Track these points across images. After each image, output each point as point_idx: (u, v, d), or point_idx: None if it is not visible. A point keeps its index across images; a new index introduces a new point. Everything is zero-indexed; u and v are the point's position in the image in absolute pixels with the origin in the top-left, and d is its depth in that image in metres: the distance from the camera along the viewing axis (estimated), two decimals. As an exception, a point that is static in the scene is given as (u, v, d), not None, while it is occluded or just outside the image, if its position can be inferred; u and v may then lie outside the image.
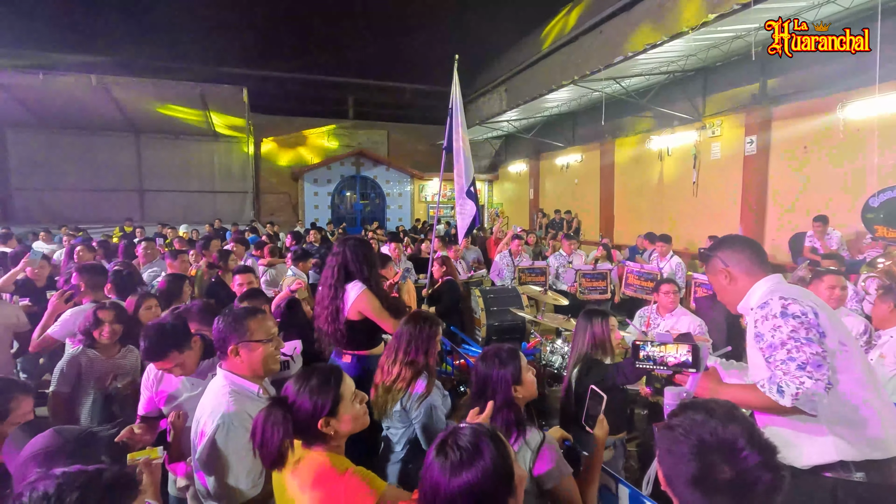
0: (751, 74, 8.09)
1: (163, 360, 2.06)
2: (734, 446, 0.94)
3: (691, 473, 0.95)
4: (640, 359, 1.70)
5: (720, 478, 0.92)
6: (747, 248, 1.85)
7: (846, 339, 1.66)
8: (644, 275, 6.01)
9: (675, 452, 0.99)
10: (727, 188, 8.59)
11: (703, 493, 0.94)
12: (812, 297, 1.70)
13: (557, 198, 14.19)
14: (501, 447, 1.08)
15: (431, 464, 1.07)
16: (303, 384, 1.47)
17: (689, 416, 1.01)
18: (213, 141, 16.65)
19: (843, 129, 6.74)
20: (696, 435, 0.97)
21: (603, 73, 8.23)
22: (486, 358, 1.82)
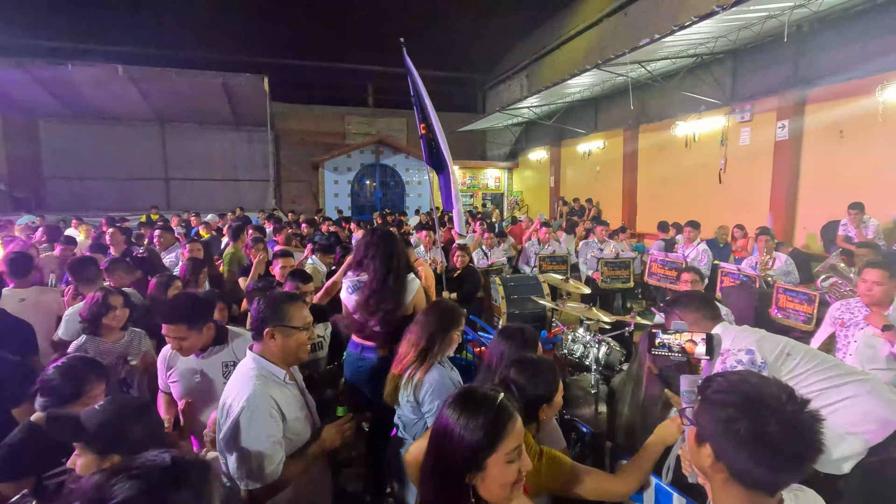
0: (784, 56, 7.76)
1: (169, 324, 2.10)
2: (779, 398, 0.96)
3: (742, 432, 0.96)
4: (655, 346, 1.71)
5: (773, 430, 0.94)
6: (698, 306, 2.15)
7: (792, 349, 1.84)
8: (668, 264, 5.89)
9: (721, 418, 0.99)
10: (756, 175, 8.32)
11: (759, 450, 0.95)
12: (744, 335, 1.93)
13: (579, 185, 13.97)
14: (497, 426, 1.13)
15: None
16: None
17: (723, 382, 1.03)
18: (234, 130, 16.88)
19: (883, 112, 6.43)
20: (740, 394, 0.99)
21: (627, 56, 7.99)
22: (509, 336, 1.84)
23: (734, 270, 5.29)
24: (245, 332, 2.40)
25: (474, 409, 1.14)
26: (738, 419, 0.98)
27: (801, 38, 7.50)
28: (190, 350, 2.16)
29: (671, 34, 6.90)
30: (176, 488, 0.89)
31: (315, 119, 17.80)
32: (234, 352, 2.26)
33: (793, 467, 0.97)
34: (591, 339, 3.99)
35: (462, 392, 1.21)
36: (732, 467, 1.00)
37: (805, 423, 0.96)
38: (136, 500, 0.84)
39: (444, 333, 2.11)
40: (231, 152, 17.07)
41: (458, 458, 1.10)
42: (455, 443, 1.11)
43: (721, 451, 1.01)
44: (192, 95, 14.12)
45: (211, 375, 2.21)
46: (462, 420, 1.13)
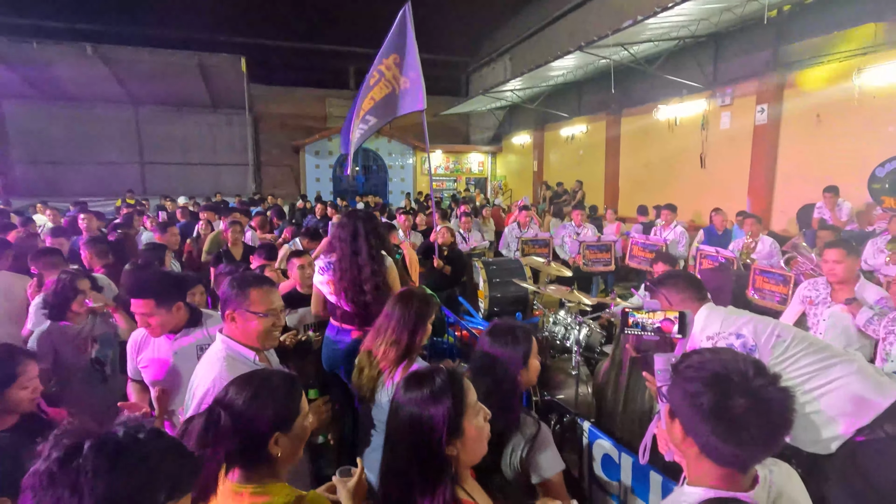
0: (765, 40, 7.80)
1: (136, 298, 2.04)
2: (746, 374, 0.98)
3: (708, 405, 0.97)
4: (629, 325, 1.71)
5: (736, 405, 0.95)
6: (684, 285, 2.11)
7: (782, 330, 1.82)
8: (648, 246, 5.95)
9: (689, 391, 1.01)
10: (736, 159, 8.41)
11: (721, 424, 0.96)
12: (733, 318, 1.91)
13: (562, 170, 13.98)
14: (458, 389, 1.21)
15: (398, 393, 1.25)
16: (257, 388, 1.23)
17: (696, 359, 1.06)
18: (212, 112, 16.43)
19: (858, 96, 6.52)
20: (708, 370, 1.01)
21: (611, 38, 7.94)
22: (496, 334, 1.73)
23: (713, 252, 5.36)
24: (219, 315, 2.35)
25: (431, 383, 1.21)
26: (702, 392, 0.99)
27: (780, 22, 7.53)
28: (159, 329, 2.09)
29: (654, 16, 6.87)
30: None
31: (295, 102, 17.43)
32: (210, 335, 2.20)
33: (758, 442, 0.96)
34: (572, 321, 4.02)
35: (409, 379, 1.26)
36: (699, 441, 1.01)
37: (772, 398, 0.96)
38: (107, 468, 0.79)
39: (424, 326, 2.05)
40: (209, 136, 16.63)
41: (438, 434, 1.15)
42: (433, 420, 1.16)
43: (688, 425, 1.03)
44: (167, 76, 13.66)
45: (184, 359, 2.14)
46: (428, 396, 1.18)
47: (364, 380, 1.99)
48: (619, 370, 2.74)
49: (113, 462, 0.79)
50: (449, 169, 18.55)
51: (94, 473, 0.77)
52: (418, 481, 1.15)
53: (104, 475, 0.77)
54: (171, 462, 0.86)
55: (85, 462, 0.78)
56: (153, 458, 0.84)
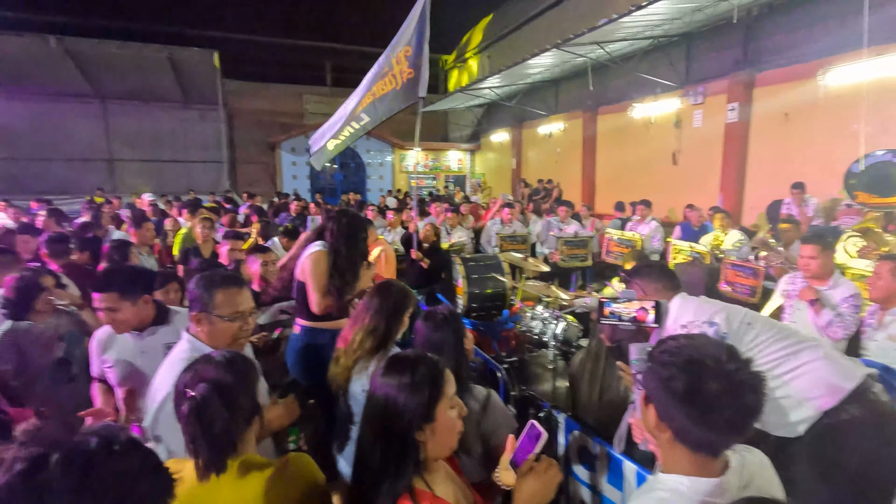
0: (734, 40, 7.99)
1: (101, 292, 1.96)
2: (719, 359, 1.00)
3: (682, 390, 0.99)
4: (605, 315, 1.73)
5: (710, 388, 0.97)
6: (658, 276, 2.14)
7: (752, 318, 1.87)
8: (624, 242, 6.03)
9: (664, 376, 1.02)
10: (708, 156, 8.60)
11: (695, 408, 0.98)
12: (705, 307, 1.94)
13: (540, 167, 14.09)
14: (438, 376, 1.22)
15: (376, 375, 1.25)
16: (238, 366, 1.28)
17: (671, 345, 1.07)
18: (184, 108, 16.01)
19: (824, 95, 6.74)
20: (683, 355, 1.03)
21: (587, 36, 8.02)
22: (434, 321, 1.85)
23: (686, 247, 5.47)
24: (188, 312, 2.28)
25: (414, 367, 1.22)
26: (676, 377, 1.00)
27: (750, 23, 7.73)
28: (124, 325, 2.01)
29: (628, 14, 6.96)
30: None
31: (271, 98, 17.11)
32: (179, 332, 2.13)
33: (730, 425, 0.98)
34: (550, 316, 4.04)
35: (393, 360, 1.28)
36: (673, 426, 1.03)
37: (743, 382, 0.97)
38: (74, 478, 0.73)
39: (400, 317, 2.05)
40: (181, 132, 16.19)
41: (409, 416, 1.16)
42: (404, 402, 1.16)
43: (662, 410, 1.04)
44: (136, 70, 13.26)
45: (152, 357, 2.06)
46: (406, 379, 1.19)
47: (339, 369, 1.98)
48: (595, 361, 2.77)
49: (82, 478, 0.72)
50: (428, 166, 18.51)
51: (61, 491, 0.70)
52: (381, 459, 1.15)
53: (71, 493, 0.70)
54: (145, 481, 0.80)
55: (51, 476, 0.70)
56: (127, 475, 0.77)
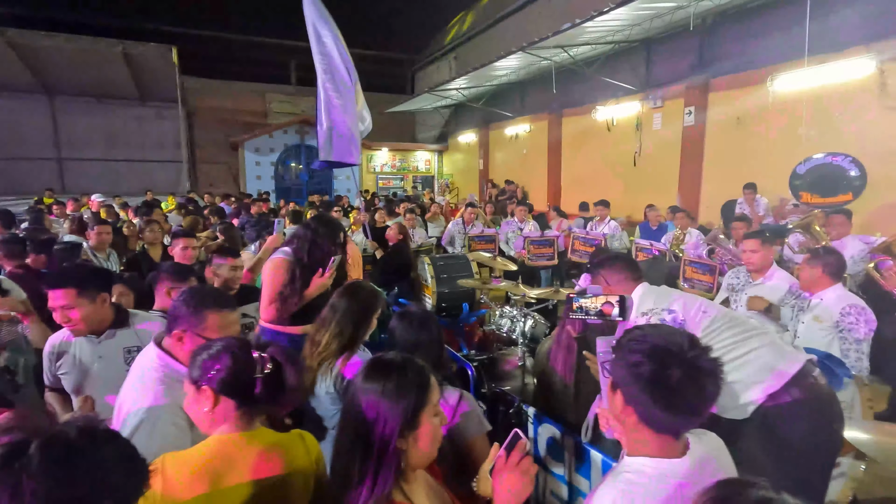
0: (690, 46, 8.33)
1: (56, 289, 1.87)
2: (681, 346, 1.07)
3: (647, 374, 1.06)
4: (573, 310, 1.78)
5: (673, 374, 1.04)
6: (622, 267, 2.20)
7: (707, 307, 1.96)
8: (589, 241, 6.19)
9: (631, 362, 1.09)
10: (668, 158, 8.93)
11: (659, 392, 1.05)
12: (665, 295, 2.03)
13: (507, 168, 14.26)
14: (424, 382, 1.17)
15: (356, 379, 1.19)
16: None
17: (637, 333, 1.15)
18: (140, 105, 15.39)
19: (773, 100, 7.11)
20: (648, 343, 1.10)
21: (551, 40, 8.20)
22: (409, 320, 1.86)
23: (647, 245, 5.66)
24: (149, 314, 2.20)
25: (400, 371, 1.16)
26: (642, 363, 1.07)
27: (705, 30, 8.07)
28: (82, 325, 1.91)
29: (590, 19, 7.15)
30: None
31: (233, 96, 16.66)
32: (138, 335, 2.06)
33: (690, 407, 1.05)
34: (518, 313, 4.11)
35: (377, 363, 1.20)
36: (638, 410, 1.10)
37: (703, 368, 1.06)
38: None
39: (369, 319, 2.04)
40: (137, 130, 15.55)
41: (392, 423, 1.09)
42: (388, 407, 1.10)
43: (628, 394, 1.11)
44: (87, 65, 12.64)
45: (109, 362, 1.98)
46: (391, 384, 1.13)
47: (307, 381, 1.94)
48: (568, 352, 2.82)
49: (60, 466, 0.74)
50: (396, 167, 18.43)
51: (38, 476, 0.72)
52: (360, 468, 1.08)
53: (48, 479, 0.72)
54: (122, 471, 0.82)
55: (29, 463, 0.72)
56: (105, 465, 0.79)
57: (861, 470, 2.54)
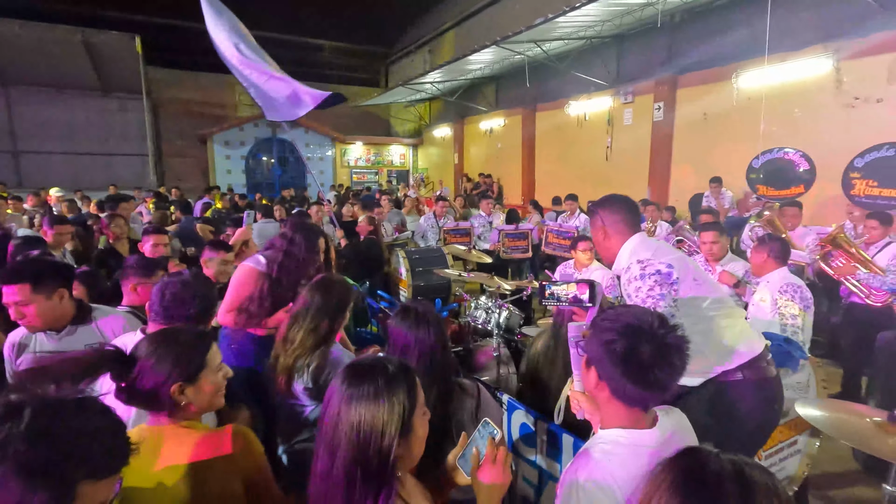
0: (659, 43, 8.52)
1: (10, 283, 1.81)
2: (652, 325, 1.14)
3: (621, 351, 1.12)
4: (545, 297, 1.81)
5: (644, 350, 1.11)
6: (623, 209, 2.07)
7: (698, 275, 1.95)
8: (562, 233, 6.28)
9: (605, 340, 1.15)
10: (638, 152, 9.12)
11: (631, 367, 1.12)
12: (665, 250, 1.97)
13: (482, 162, 14.32)
14: (412, 384, 1.13)
15: (336, 388, 1.11)
16: (164, 342, 1.29)
17: (611, 314, 1.21)
18: (103, 96, 14.80)
19: (737, 97, 7.34)
20: (622, 321, 1.16)
21: (524, 34, 8.25)
22: (410, 319, 1.73)
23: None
24: (112, 310, 2.14)
25: (389, 379, 1.09)
26: (616, 340, 1.14)
27: (673, 28, 8.26)
28: (38, 321, 1.85)
29: (563, 14, 7.23)
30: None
31: (201, 88, 16.20)
32: (101, 331, 2.00)
33: (659, 383, 1.12)
34: (493, 305, 4.15)
35: (360, 371, 1.12)
36: (611, 385, 1.16)
37: (671, 345, 1.13)
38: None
39: (343, 313, 2.01)
40: (99, 122, 14.96)
41: (391, 432, 1.04)
42: (385, 418, 1.04)
43: (602, 370, 1.17)
44: (45, 54, 12.08)
45: None
46: (383, 393, 1.06)
47: (279, 368, 1.92)
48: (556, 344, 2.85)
49: (44, 429, 0.81)
50: (370, 161, 18.29)
51: (22, 437, 0.78)
52: (362, 486, 1.02)
53: (31, 441, 0.79)
54: (101, 442, 0.87)
55: (17, 423, 0.79)
56: (85, 434, 0.85)
57: (816, 447, 2.68)
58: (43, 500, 0.78)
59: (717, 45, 7.63)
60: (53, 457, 0.80)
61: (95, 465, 0.85)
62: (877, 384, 3.58)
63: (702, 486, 0.73)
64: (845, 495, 2.97)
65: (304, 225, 2.73)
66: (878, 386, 3.47)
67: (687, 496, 0.72)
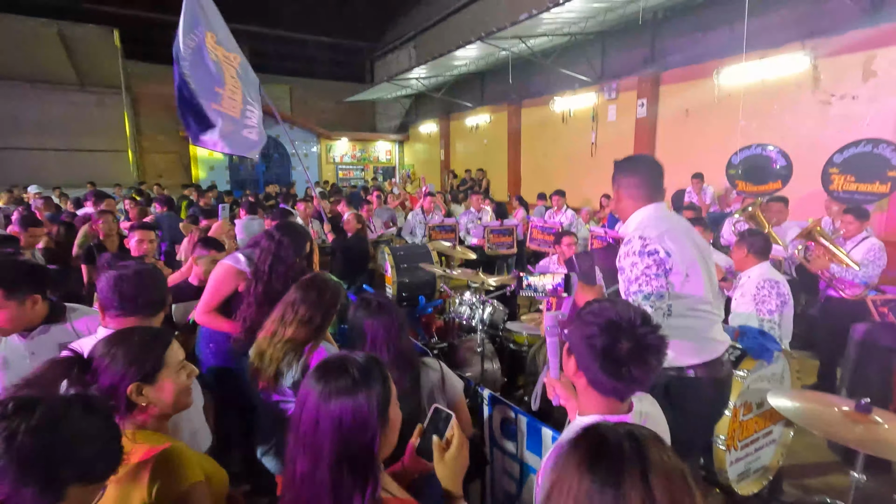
0: (642, 40, 8.59)
1: None
2: (633, 323, 1.18)
3: (600, 346, 1.16)
4: (523, 287, 1.85)
5: (622, 347, 1.15)
6: (642, 174, 2.02)
7: (694, 272, 1.90)
8: (546, 229, 6.32)
9: (587, 333, 1.19)
10: (622, 148, 9.18)
11: (608, 362, 1.16)
12: (674, 234, 1.88)
13: (468, 158, 14.32)
14: (385, 374, 1.14)
15: (310, 388, 1.08)
16: (118, 342, 1.25)
17: (595, 307, 1.24)
18: (80, 91, 14.45)
19: (717, 93, 7.45)
20: (604, 316, 1.20)
21: (509, 30, 8.26)
22: (369, 308, 1.82)
23: (602, 233, 5.84)
24: (90, 310, 2.10)
25: (364, 372, 1.09)
26: (596, 336, 1.18)
27: (655, 25, 8.33)
28: (8, 325, 1.81)
29: (547, 10, 7.24)
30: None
31: (182, 82, 15.88)
32: (75, 329, 1.96)
33: (633, 379, 1.17)
34: (477, 301, 4.17)
35: (333, 367, 1.11)
36: (588, 375, 1.22)
37: (650, 345, 1.17)
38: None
39: (335, 310, 2.01)
40: (76, 118, 14.58)
41: (373, 428, 1.04)
42: (368, 411, 1.04)
43: (582, 361, 1.23)
44: (18, 47, 11.76)
45: (43, 359, 1.89)
46: (362, 387, 1.06)
47: (266, 362, 1.87)
48: None
49: (52, 427, 0.83)
50: (356, 157, 18.17)
51: (30, 432, 0.81)
52: (351, 480, 1.01)
53: (35, 436, 0.81)
54: (100, 447, 0.89)
55: (28, 419, 0.82)
56: (88, 437, 0.87)
57: (791, 436, 2.75)
58: (32, 496, 0.81)
59: (698, 43, 7.72)
60: (54, 455, 0.83)
61: (90, 468, 0.88)
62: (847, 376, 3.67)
63: (606, 459, 0.75)
64: (819, 484, 3.05)
65: (290, 226, 2.70)
66: (847, 377, 3.56)
67: (596, 472, 0.74)
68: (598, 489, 0.72)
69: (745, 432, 2.49)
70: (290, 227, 2.66)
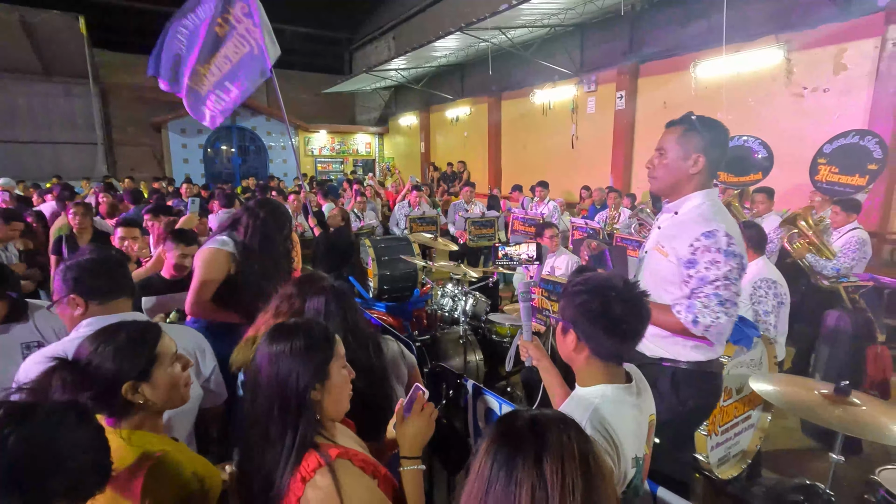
0: (622, 31, 8.63)
1: None
2: (619, 284, 1.27)
3: (597, 308, 1.24)
4: (499, 258, 1.96)
5: (616, 306, 1.23)
6: (725, 149, 1.79)
7: (690, 280, 1.81)
8: (528, 221, 6.33)
9: (581, 301, 1.27)
10: (601, 140, 9.26)
11: (607, 321, 1.24)
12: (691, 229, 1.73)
13: (448, 151, 14.26)
14: (329, 336, 1.25)
15: (260, 344, 1.23)
16: (105, 340, 1.19)
17: (579, 280, 1.32)
18: (45, 80, 13.88)
19: (695, 86, 7.54)
20: (592, 283, 1.29)
21: (489, 21, 8.20)
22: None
23: (582, 224, 5.87)
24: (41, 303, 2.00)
25: (306, 330, 1.22)
26: (591, 300, 1.25)
27: (634, 17, 8.38)
28: None
29: (526, 1, 7.21)
30: None
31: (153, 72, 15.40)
32: (38, 329, 1.87)
33: (632, 335, 1.27)
34: (459, 292, 4.14)
35: (281, 327, 1.25)
36: (590, 344, 1.27)
37: (638, 300, 1.28)
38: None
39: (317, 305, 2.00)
40: (41, 108, 14.01)
41: (306, 376, 1.16)
42: (301, 362, 1.17)
43: (580, 330, 1.28)
44: (-23, 33, 11.23)
45: (6, 359, 1.79)
46: (300, 342, 1.18)
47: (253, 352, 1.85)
48: None
49: (44, 436, 0.81)
50: (335, 150, 17.93)
51: (10, 439, 0.78)
52: (280, 422, 1.13)
53: (27, 444, 0.79)
54: (88, 460, 0.86)
55: (21, 426, 0.80)
56: (78, 449, 0.85)
57: (768, 421, 2.80)
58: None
59: (676, 35, 7.79)
60: (44, 466, 0.80)
61: (77, 482, 0.85)
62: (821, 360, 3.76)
63: (507, 443, 0.81)
64: (795, 466, 3.13)
65: (273, 202, 2.62)
66: (822, 361, 3.64)
67: (497, 455, 0.80)
68: (496, 471, 0.79)
69: (726, 417, 2.53)
70: (273, 203, 2.61)
